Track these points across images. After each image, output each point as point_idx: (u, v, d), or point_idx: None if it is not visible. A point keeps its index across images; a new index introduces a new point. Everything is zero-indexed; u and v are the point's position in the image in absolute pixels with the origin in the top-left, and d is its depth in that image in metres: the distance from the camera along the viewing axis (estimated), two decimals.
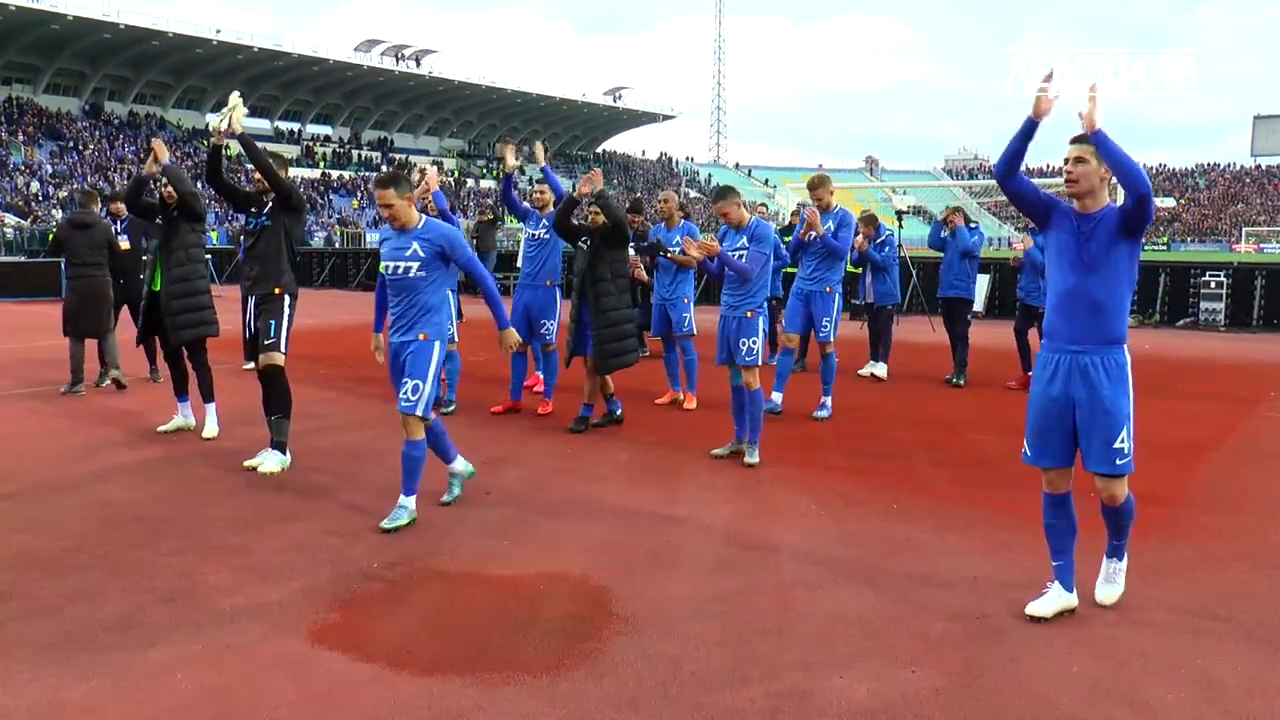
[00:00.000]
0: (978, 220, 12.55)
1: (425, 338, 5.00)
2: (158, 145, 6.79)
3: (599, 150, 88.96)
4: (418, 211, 5.17)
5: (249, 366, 6.72)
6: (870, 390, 9.54)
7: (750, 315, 6.30)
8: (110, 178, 49.05)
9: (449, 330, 7.92)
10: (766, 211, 11.98)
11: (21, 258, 28.14)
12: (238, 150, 6.77)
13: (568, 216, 7.32)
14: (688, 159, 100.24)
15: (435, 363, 4.99)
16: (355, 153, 69.29)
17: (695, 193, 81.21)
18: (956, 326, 9.89)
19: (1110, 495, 3.75)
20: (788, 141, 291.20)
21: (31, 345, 12.24)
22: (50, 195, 45.89)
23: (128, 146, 54.82)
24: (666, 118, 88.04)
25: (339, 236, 47.30)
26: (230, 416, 7.23)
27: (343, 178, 63.67)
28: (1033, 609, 3.84)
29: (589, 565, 4.44)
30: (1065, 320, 3.74)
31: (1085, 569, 3.97)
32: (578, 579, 4.28)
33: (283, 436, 6.00)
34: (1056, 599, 3.87)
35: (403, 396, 4.96)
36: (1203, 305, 16.49)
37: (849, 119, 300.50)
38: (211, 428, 7.05)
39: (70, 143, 53.63)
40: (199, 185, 26.11)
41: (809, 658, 3.51)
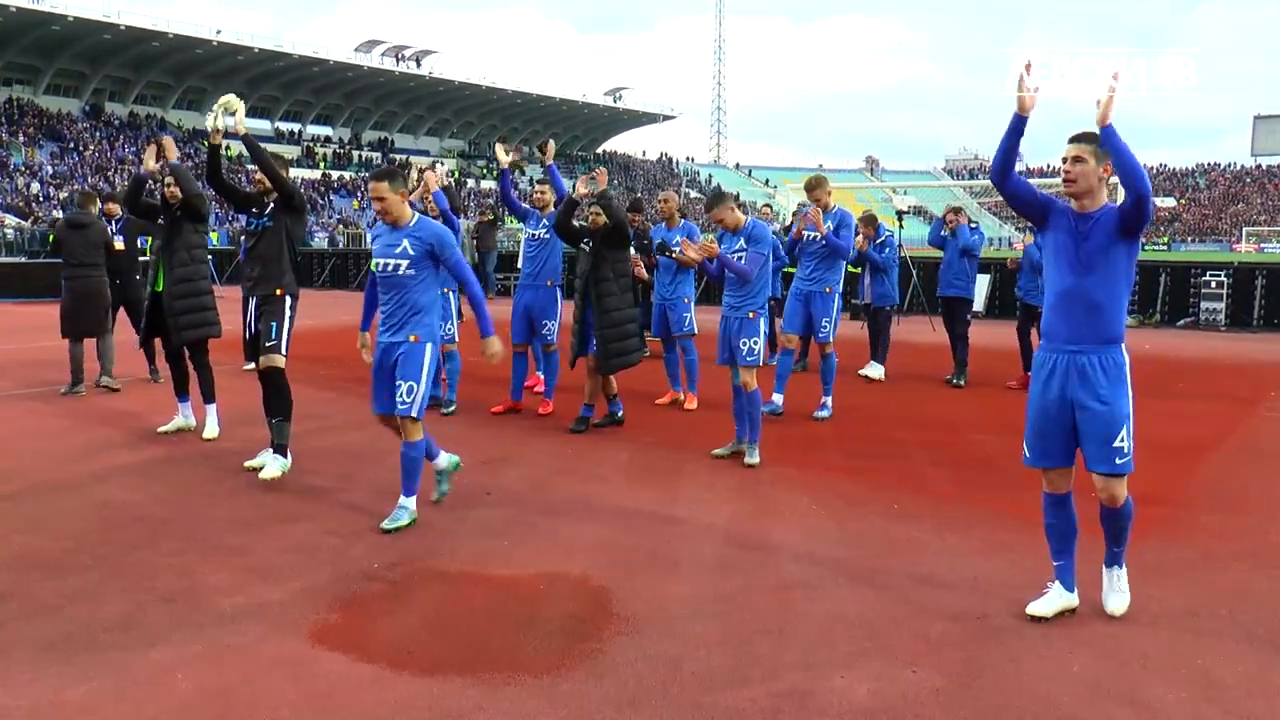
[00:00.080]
0: (978, 220, 12.54)
1: (416, 339, 4.96)
2: (168, 142, 6.81)
3: (599, 151, 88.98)
4: (414, 210, 5.15)
5: (249, 367, 6.72)
6: (870, 390, 9.53)
7: (752, 316, 6.31)
8: (110, 178, 49.05)
9: (450, 330, 8.01)
10: (770, 212, 11.97)
11: (22, 258, 28.17)
12: (238, 151, 6.78)
13: (569, 219, 7.32)
14: (688, 159, 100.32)
15: (428, 364, 4.98)
16: (356, 153, 69.30)
17: (695, 193, 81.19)
18: (956, 326, 9.89)
19: (1110, 495, 3.73)
20: (788, 142, 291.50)
21: (32, 346, 12.24)
22: (51, 196, 45.89)
23: (128, 147, 54.81)
24: (667, 118, 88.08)
25: (342, 236, 47.37)
26: (231, 417, 7.23)
27: (343, 178, 63.67)
28: (1033, 609, 3.84)
29: (589, 565, 4.44)
30: (1063, 320, 3.73)
31: (1086, 569, 3.97)
32: (578, 579, 4.28)
33: (284, 439, 6.00)
34: (1057, 599, 3.87)
35: (399, 399, 4.95)
36: (1203, 305, 16.50)
37: (849, 119, 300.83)
38: (212, 428, 7.05)
39: (70, 143, 53.64)
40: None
41: (809, 658, 3.51)
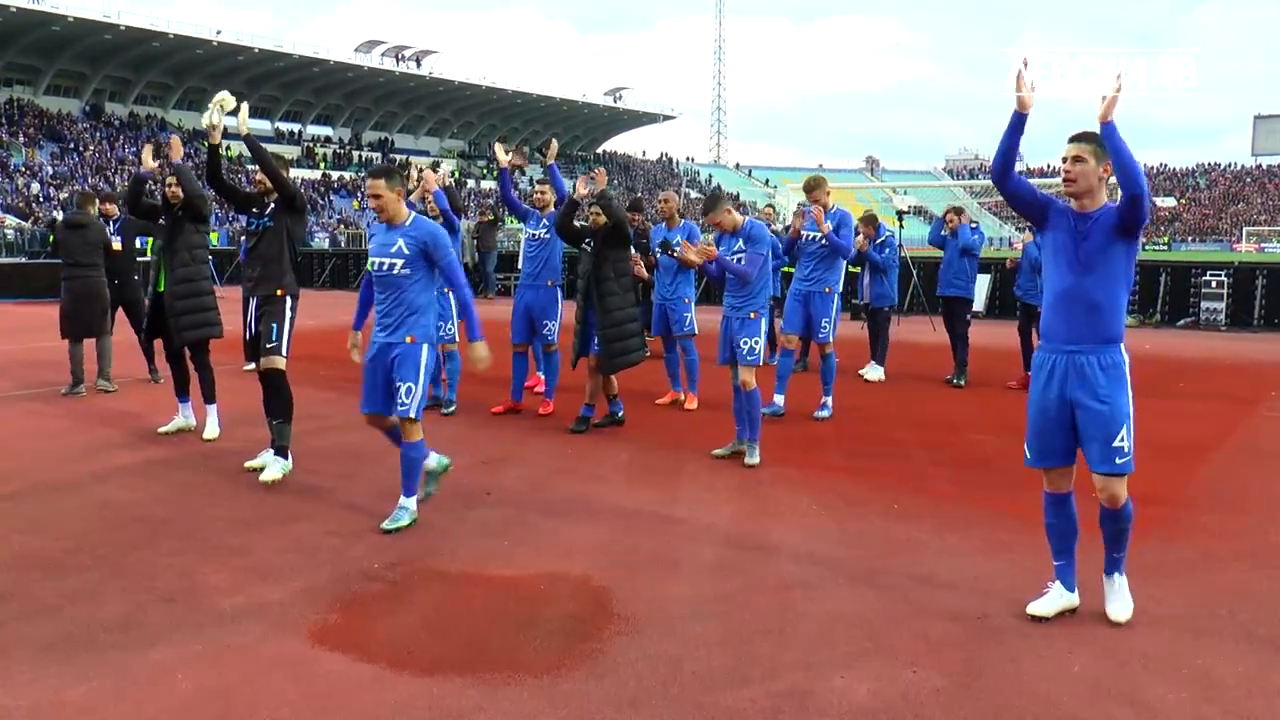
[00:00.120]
0: (978, 220, 12.57)
1: (412, 341, 4.94)
2: (175, 142, 6.82)
3: (599, 151, 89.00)
4: (412, 210, 5.13)
5: (250, 368, 6.72)
6: (870, 390, 9.53)
7: (753, 316, 6.31)
8: (111, 179, 49.06)
9: (450, 330, 8.01)
10: (773, 212, 11.97)
11: (22, 259, 28.17)
12: (238, 151, 6.78)
13: (570, 219, 7.32)
14: (688, 159, 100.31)
15: (424, 365, 4.96)
16: (356, 154, 69.31)
17: (695, 193, 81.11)
18: (956, 326, 9.88)
19: (1111, 495, 3.71)
20: (788, 142, 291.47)
21: (32, 346, 12.24)
22: (51, 197, 45.90)
23: (128, 148, 54.80)
24: (667, 118, 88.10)
25: (343, 236, 47.40)
26: (231, 417, 7.23)
27: (343, 178, 63.68)
28: (1034, 609, 3.84)
29: (590, 565, 4.44)
30: (1062, 320, 3.73)
31: (1086, 569, 3.97)
32: (578, 579, 4.28)
33: (285, 441, 6.00)
34: (1058, 599, 3.86)
35: (398, 401, 4.93)
36: (1203, 305, 16.50)
37: (849, 119, 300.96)
38: (212, 429, 7.05)
39: (71, 144, 53.65)
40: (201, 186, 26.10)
41: (810, 658, 3.51)
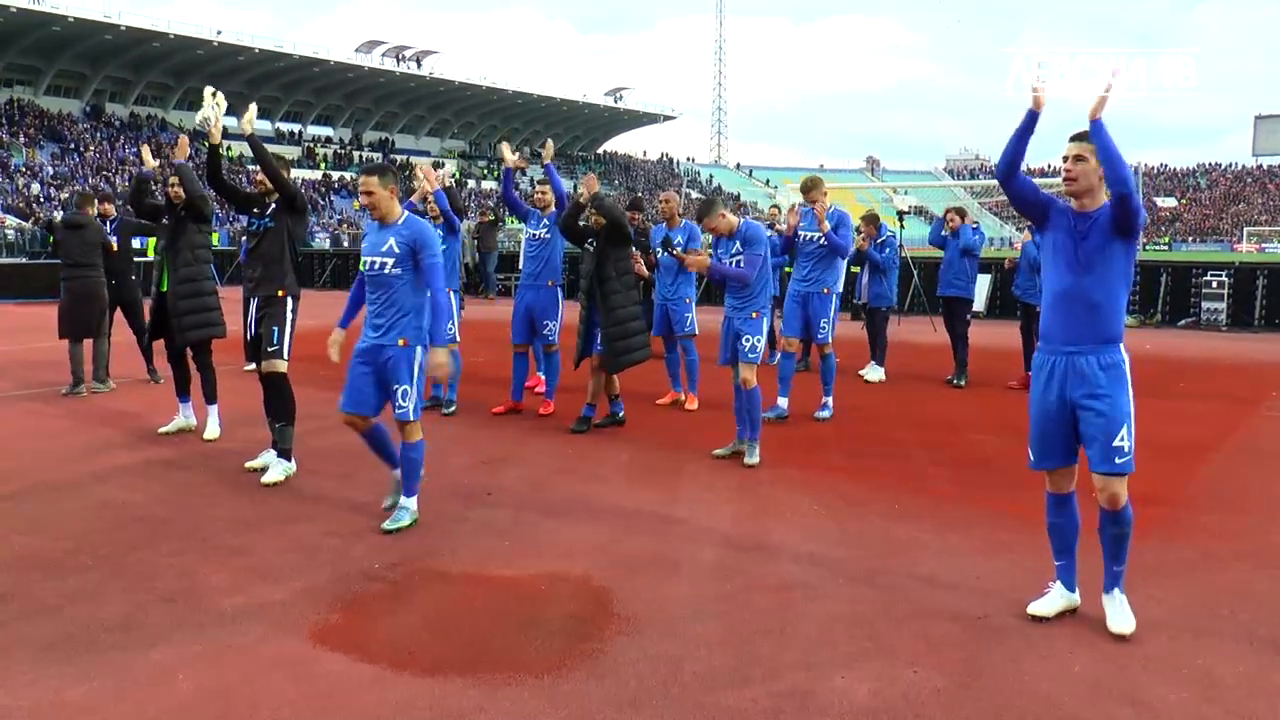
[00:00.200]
0: (978, 220, 12.57)
1: (405, 344, 4.89)
2: (183, 141, 6.82)
3: (600, 151, 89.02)
4: (404, 209, 5.09)
5: (250, 368, 6.72)
6: (871, 390, 9.53)
7: (755, 316, 6.31)
8: (111, 179, 49.08)
9: (450, 330, 8.01)
10: (779, 213, 11.96)
11: (22, 259, 28.16)
12: (239, 151, 6.78)
13: (574, 219, 7.31)
14: (689, 160, 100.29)
15: (418, 366, 4.93)
16: (356, 154, 69.31)
17: (696, 193, 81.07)
18: (957, 326, 9.88)
19: (1111, 495, 3.68)
20: (788, 142, 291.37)
21: (32, 346, 12.25)
22: (51, 197, 45.91)
23: (129, 148, 54.81)
24: (667, 118, 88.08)
25: (346, 236, 47.44)
26: (231, 418, 7.23)
27: (344, 179, 63.67)
28: (1034, 609, 3.84)
29: (590, 566, 4.44)
30: (1061, 320, 3.71)
31: (1087, 569, 3.96)
32: (579, 579, 4.28)
33: (287, 443, 6.01)
34: (1058, 599, 3.86)
35: (395, 405, 4.92)
36: (1204, 305, 16.50)
37: (849, 119, 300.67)
38: (213, 429, 7.05)
39: (71, 144, 53.66)
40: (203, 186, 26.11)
41: (810, 658, 3.51)
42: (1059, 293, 3.72)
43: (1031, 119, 3.70)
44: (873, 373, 10.04)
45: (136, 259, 10.40)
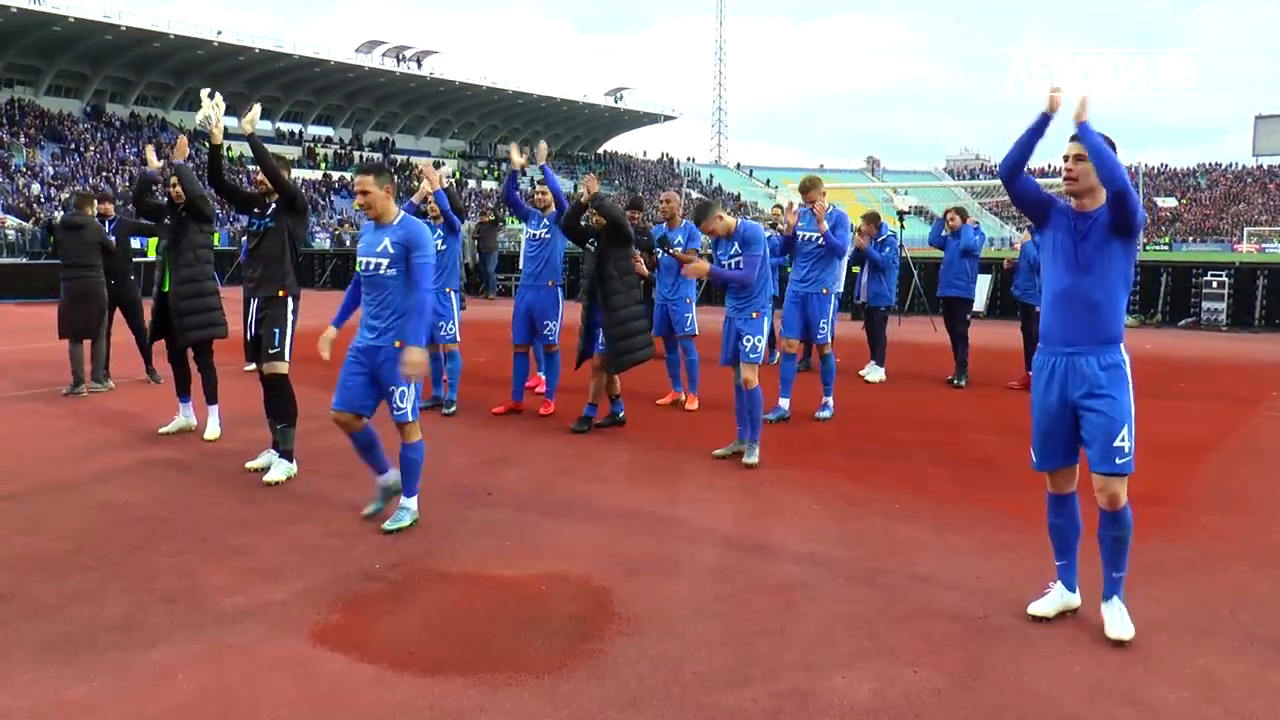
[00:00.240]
0: (978, 220, 12.56)
1: (401, 346, 4.82)
2: (181, 142, 6.82)
3: (600, 151, 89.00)
4: (400, 210, 5.07)
5: (250, 368, 6.72)
6: (870, 390, 9.53)
7: (755, 316, 6.31)
8: (111, 179, 49.09)
9: (451, 330, 8.01)
10: (781, 213, 11.96)
11: (23, 259, 28.17)
12: (239, 151, 6.77)
13: (575, 219, 7.31)
14: (689, 160, 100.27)
15: None
16: (357, 154, 69.31)
17: (697, 193, 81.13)
18: (957, 326, 9.89)
19: (1110, 495, 3.67)
20: (788, 142, 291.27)
21: (32, 347, 12.25)
22: (52, 197, 45.92)
23: (129, 148, 54.85)
24: (667, 118, 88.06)
25: (347, 236, 47.49)
26: (232, 418, 7.23)
27: (344, 179, 63.66)
28: (1035, 609, 3.84)
29: (590, 566, 4.44)
30: (1061, 321, 3.70)
31: (1088, 569, 3.96)
32: (579, 579, 4.28)
33: (289, 445, 6.01)
34: (1059, 599, 3.86)
35: (393, 406, 4.87)
36: (1204, 305, 16.50)
37: (849, 119, 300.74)
38: (213, 429, 7.05)
39: (72, 144, 53.67)
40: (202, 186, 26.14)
41: (810, 658, 3.51)
42: (1059, 293, 3.71)
43: (1044, 121, 3.66)
44: (873, 373, 10.04)
45: (136, 259, 10.39)
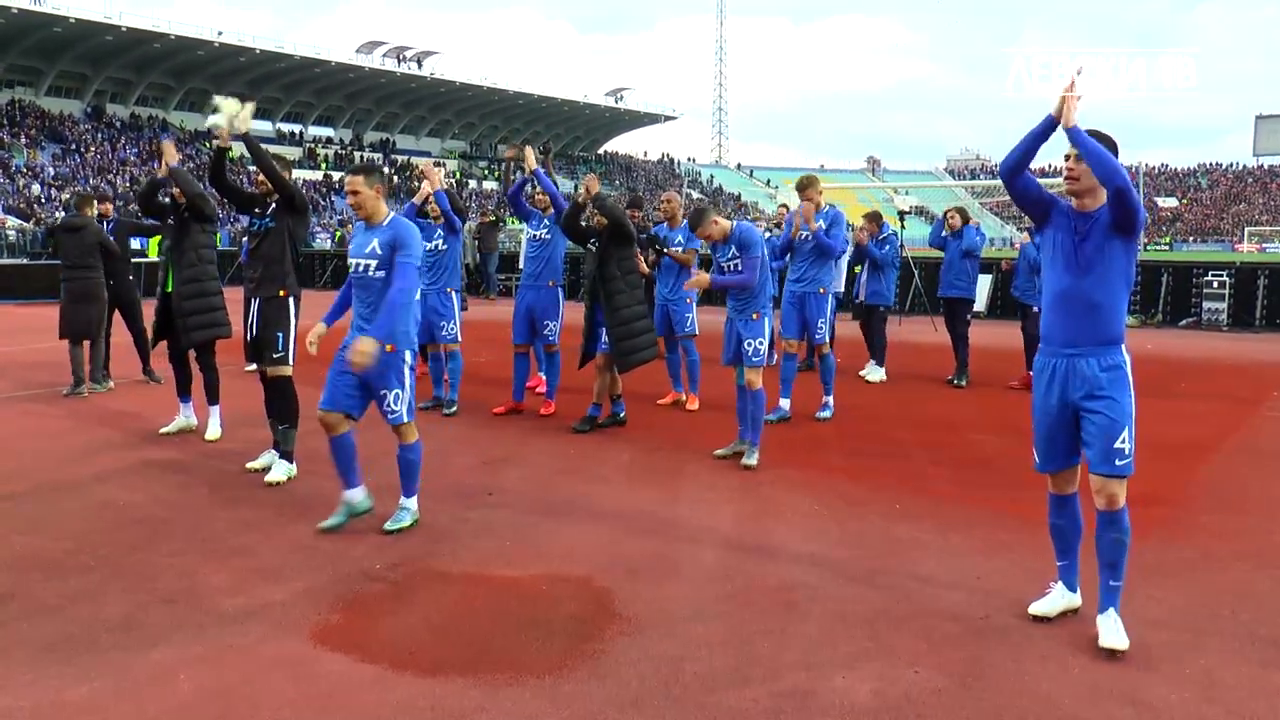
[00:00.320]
0: (979, 220, 12.56)
1: (392, 349, 4.78)
2: (167, 146, 6.82)
3: (601, 151, 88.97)
4: (391, 210, 5.04)
5: (250, 368, 6.72)
6: (871, 390, 9.53)
7: (755, 317, 6.31)
8: (112, 180, 49.10)
9: (452, 330, 8.01)
10: (786, 213, 11.96)
11: (23, 260, 28.18)
12: (239, 151, 6.78)
13: (576, 219, 7.31)
14: (689, 160, 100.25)
15: (407, 370, 4.87)
16: (357, 154, 69.27)
17: (697, 194, 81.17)
18: (957, 326, 9.88)
19: (1109, 496, 3.63)
20: (788, 142, 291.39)
21: (32, 347, 12.25)
22: (52, 198, 45.92)
23: (130, 149, 54.86)
24: (668, 118, 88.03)
25: (348, 235, 47.54)
26: (232, 418, 7.23)
27: (345, 180, 63.66)
28: (1035, 609, 3.84)
29: (591, 566, 4.44)
30: (1061, 321, 3.69)
31: (1089, 569, 3.95)
32: (580, 580, 4.28)
33: (290, 446, 6.01)
34: (1059, 599, 3.86)
35: (387, 409, 4.85)
36: (1205, 305, 16.50)
37: (849, 119, 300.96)
38: (214, 430, 7.05)
39: (72, 145, 53.66)
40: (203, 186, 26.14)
41: (811, 658, 3.51)
42: (1059, 293, 3.69)
43: (1050, 125, 3.61)
44: (873, 373, 10.03)
45: (137, 260, 10.39)
